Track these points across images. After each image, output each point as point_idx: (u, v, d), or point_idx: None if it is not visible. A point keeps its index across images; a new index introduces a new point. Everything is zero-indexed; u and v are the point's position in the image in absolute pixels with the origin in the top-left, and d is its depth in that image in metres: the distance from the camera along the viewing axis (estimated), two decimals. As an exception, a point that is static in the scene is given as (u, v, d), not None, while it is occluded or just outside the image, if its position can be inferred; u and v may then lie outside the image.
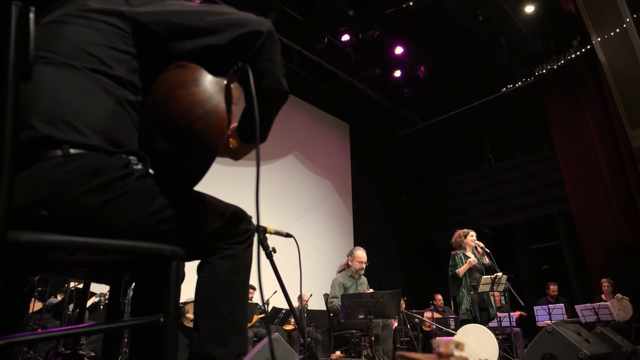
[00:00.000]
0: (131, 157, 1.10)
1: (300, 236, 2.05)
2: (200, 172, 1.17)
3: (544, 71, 10.40)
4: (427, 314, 7.75)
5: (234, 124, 1.30)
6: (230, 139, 1.32)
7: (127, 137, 1.12)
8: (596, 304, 6.73)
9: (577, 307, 6.90)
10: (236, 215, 1.27)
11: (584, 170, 9.49)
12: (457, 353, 0.67)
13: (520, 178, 10.71)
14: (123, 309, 1.67)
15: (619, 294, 7.23)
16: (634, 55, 9.23)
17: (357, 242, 10.30)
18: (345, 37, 9.09)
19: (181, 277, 1.34)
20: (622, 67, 9.40)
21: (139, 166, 1.10)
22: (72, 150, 1.00)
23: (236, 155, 1.35)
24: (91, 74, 1.09)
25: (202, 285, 1.22)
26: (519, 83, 10.85)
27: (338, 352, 5.53)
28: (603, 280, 7.60)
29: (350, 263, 5.38)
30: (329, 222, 10.28)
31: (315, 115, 10.73)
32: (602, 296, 7.44)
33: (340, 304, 4.78)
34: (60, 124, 1.02)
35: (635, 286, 8.08)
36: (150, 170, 1.16)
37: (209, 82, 1.15)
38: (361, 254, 5.35)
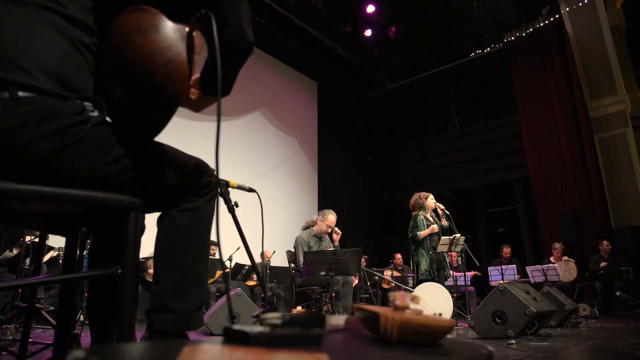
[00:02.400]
0: (86, 103, 1.04)
1: (264, 193, 2.04)
2: (160, 123, 1.12)
3: (513, 38, 10.48)
4: (387, 272, 8.01)
5: (197, 75, 1.25)
6: (192, 90, 1.27)
7: (81, 81, 1.06)
8: (545, 266, 7.11)
9: (528, 269, 7.27)
10: (198, 168, 1.24)
11: (544, 138, 9.78)
12: (412, 306, 0.68)
13: (482, 143, 10.95)
14: (81, 262, 1.63)
15: (565, 257, 7.65)
16: (599, 27, 9.41)
17: (321, 201, 10.39)
18: (317, -8, 8.84)
19: (140, 230, 1.31)
20: (587, 39, 9.58)
21: (95, 113, 1.05)
22: (20, 93, 0.94)
23: (197, 107, 1.31)
24: (41, 11, 1.01)
25: (162, 238, 1.20)
26: (488, 49, 10.92)
27: (299, 307, 5.67)
28: (554, 244, 8.00)
29: (319, 222, 5.44)
30: (294, 180, 10.30)
31: (284, 72, 10.54)
32: (551, 259, 7.85)
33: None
34: (6, 64, 0.95)
35: (582, 250, 8.56)
36: (108, 119, 1.10)
37: (169, 29, 1.09)
38: (333, 218, 5.42)
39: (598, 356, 2.17)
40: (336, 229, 5.46)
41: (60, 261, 5.54)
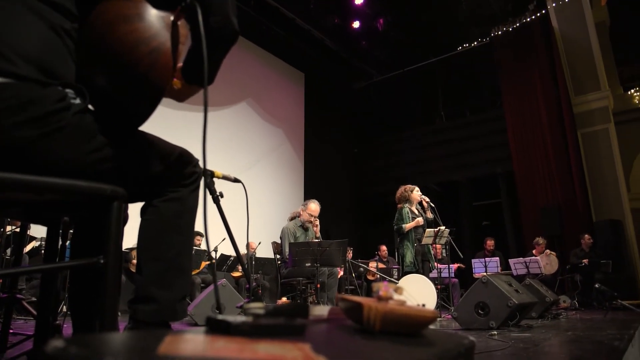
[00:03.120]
0: (68, 91, 1.02)
1: (250, 184, 2.03)
2: (145, 113, 1.11)
3: (500, 32, 10.54)
4: (372, 264, 8.05)
5: (179, 64, 1.23)
6: (175, 80, 1.25)
7: (62, 68, 1.03)
8: (527, 258, 7.21)
9: (511, 261, 7.36)
10: (182, 157, 1.23)
11: (528, 133, 9.89)
12: (396, 297, 0.69)
13: (468, 137, 11.04)
14: (64, 252, 1.61)
15: (547, 250, 7.77)
16: (584, 24, 9.51)
17: (308, 192, 10.39)
18: (305, -18, 8.78)
19: (123, 220, 1.30)
20: (572, 35, 9.68)
21: (77, 101, 1.03)
22: None
23: (180, 96, 1.29)
24: None
25: (146, 228, 1.19)
26: (475, 43, 10.97)
27: (284, 299, 5.68)
28: (538, 239, 8.10)
29: (301, 212, 5.44)
30: (280, 171, 10.28)
31: (271, 63, 10.47)
32: (534, 252, 7.96)
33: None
34: None
35: (563, 243, 8.71)
36: (91, 107, 1.08)
37: (154, 17, 1.07)
38: (314, 207, 5.39)
39: (577, 346, 2.22)
40: (316, 220, 5.43)
41: (42, 251, 5.46)
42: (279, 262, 5.51)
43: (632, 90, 10.51)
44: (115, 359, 0.38)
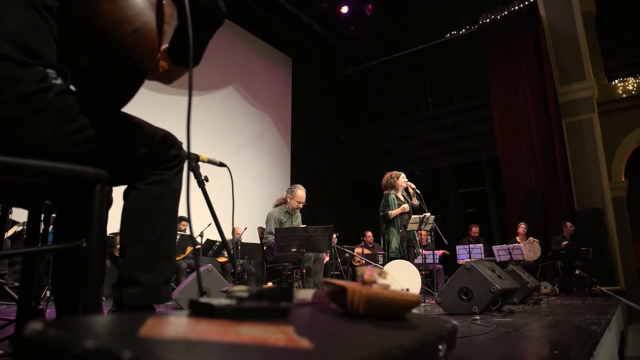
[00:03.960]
0: (49, 70, 0.99)
1: (236, 170, 2.01)
2: (128, 93, 1.09)
3: (488, 20, 10.53)
4: (358, 250, 8.11)
5: (165, 45, 1.21)
6: (161, 62, 1.23)
7: (43, 47, 1.01)
8: (510, 245, 7.32)
9: (494, 248, 7.47)
10: (166, 140, 1.21)
11: (514, 121, 9.96)
12: (380, 281, 0.69)
13: (454, 124, 11.07)
14: (46, 236, 1.59)
15: (531, 237, 7.90)
16: (571, 13, 9.54)
17: (294, 178, 10.37)
18: (294, -34, 8.66)
19: (107, 203, 1.28)
20: (559, 24, 9.71)
21: (59, 81, 1.00)
22: None
23: (167, 78, 1.27)
24: None
25: (129, 211, 1.18)
26: (463, 30, 10.95)
27: (270, 284, 5.69)
28: (520, 224, 8.23)
29: (288, 200, 5.41)
30: (267, 156, 10.24)
31: (258, 48, 10.35)
32: (517, 238, 8.09)
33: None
34: None
35: (546, 230, 8.85)
36: (73, 87, 1.06)
37: (139, -5, 1.05)
38: (301, 193, 5.36)
39: (556, 331, 2.27)
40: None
41: (25, 235, 5.39)
42: (265, 247, 5.51)
43: (616, 81, 10.62)
44: (94, 341, 0.38)
